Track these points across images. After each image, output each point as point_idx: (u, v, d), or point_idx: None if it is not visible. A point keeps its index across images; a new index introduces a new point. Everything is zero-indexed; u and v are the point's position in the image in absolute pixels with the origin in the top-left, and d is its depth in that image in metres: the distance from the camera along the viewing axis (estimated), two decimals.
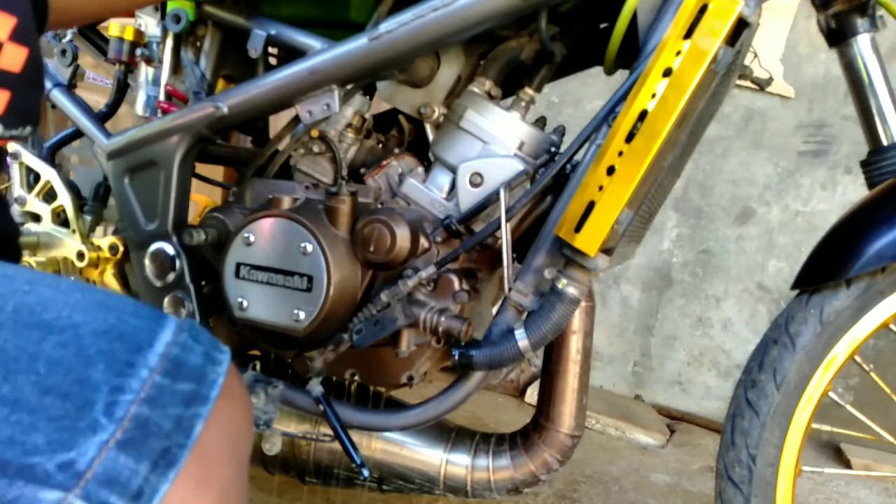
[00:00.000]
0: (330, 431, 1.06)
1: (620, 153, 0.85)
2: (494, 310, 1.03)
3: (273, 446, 1.12)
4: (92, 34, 1.34)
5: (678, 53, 0.84)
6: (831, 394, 1.10)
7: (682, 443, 2.32)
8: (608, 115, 0.94)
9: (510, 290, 0.97)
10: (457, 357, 0.98)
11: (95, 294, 0.46)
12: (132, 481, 0.40)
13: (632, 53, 0.98)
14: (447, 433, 1.19)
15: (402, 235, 0.97)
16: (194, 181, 1.13)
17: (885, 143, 1.09)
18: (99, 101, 1.23)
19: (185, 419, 0.43)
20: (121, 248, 1.17)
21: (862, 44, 1.09)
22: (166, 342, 0.45)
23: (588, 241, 0.86)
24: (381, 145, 1.19)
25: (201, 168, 1.19)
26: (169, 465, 0.42)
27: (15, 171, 1.20)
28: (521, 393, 2.49)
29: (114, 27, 1.14)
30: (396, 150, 1.15)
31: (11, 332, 0.41)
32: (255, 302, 1.00)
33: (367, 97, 1.15)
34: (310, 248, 0.96)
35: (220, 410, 0.45)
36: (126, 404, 0.41)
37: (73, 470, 0.39)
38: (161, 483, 0.41)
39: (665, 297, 2.57)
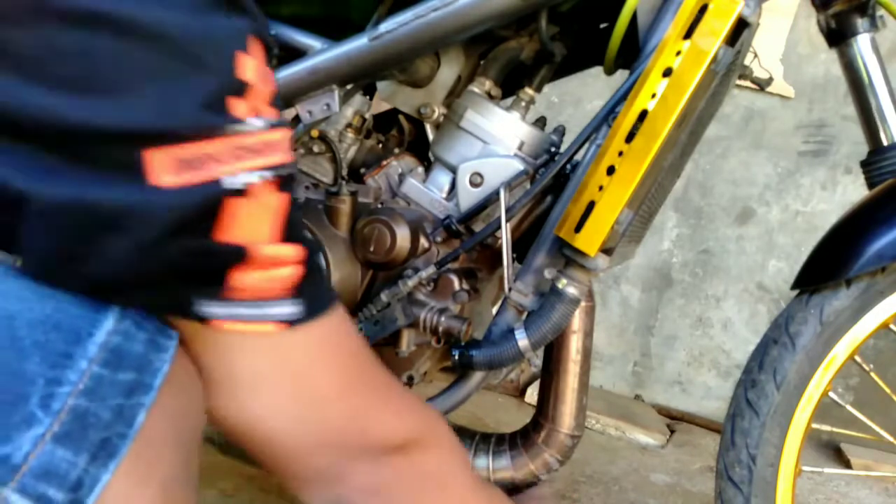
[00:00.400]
0: None
1: (620, 153, 0.85)
2: (494, 310, 1.03)
3: None
4: None
5: (678, 53, 0.83)
6: (831, 394, 1.10)
7: (682, 443, 2.31)
8: (608, 115, 0.94)
9: (510, 290, 0.96)
10: (457, 357, 0.98)
11: (33, 281, 0.44)
12: (70, 473, 0.40)
13: (632, 53, 0.98)
14: None
15: (402, 235, 0.97)
16: None
17: (885, 143, 1.09)
18: None
19: (126, 409, 0.43)
20: None
21: (862, 44, 1.09)
22: (107, 331, 0.44)
23: (588, 241, 0.86)
24: (381, 145, 1.19)
25: None
26: (109, 455, 0.42)
27: None
28: (521, 393, 2.49)
29: None
30: (396, 150, 1.15)
31: None
32: None
33: (367, 97, 1.15)
34: None
35: (164, 398, 0.45)
36: (63, 396, 0.41)
37: (8, 465, 0.39)
38: (101, 473, 0.41)
39: (665, 297, 2.57)
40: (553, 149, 1.06)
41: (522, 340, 0.94)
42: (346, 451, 0.56)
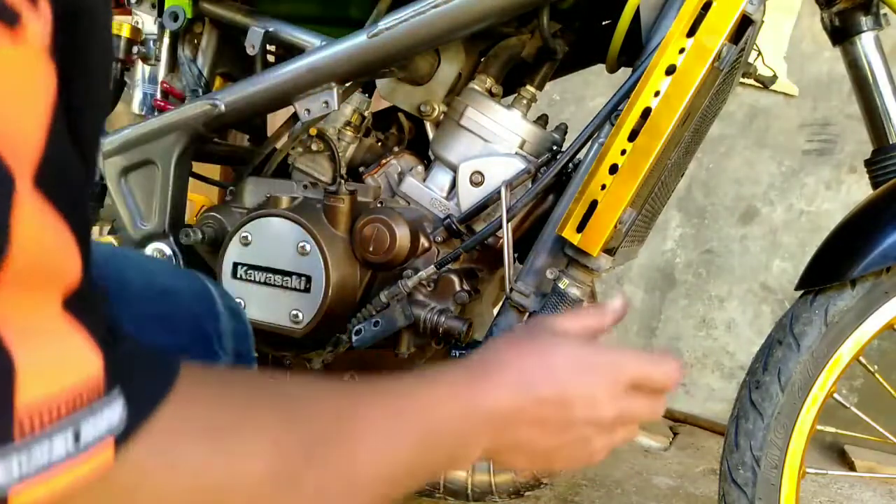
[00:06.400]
0: None
1: (623, 152, 0.84)
2: (495, 310, 1.02)
3: None
4: None
5: (681, 51, 0.83)
6: (836, 395, 1.09)
7: (685, 445, 2.30)
8: (611, 113, 0.93)
9: (511, 290, 0.95)
10: (457, 358, 0.96)
11: (156, 262, 0.68)
12: None
13: (634, 51, 0.97)
14: None
15: (402, 235, 0.96)
16: (191, 180, 1.12)
17: (889, 141, 1.09)
18: None
19: (249, 349, 0.65)
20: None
21: (866, 42, 1.09)
22: (217, 294, 0.64)
23: (590, 240, 0.85)
24: (380, 144, 1.18)
25: (198, 167, 1.18)
26: None
27: None
28: None
29: None
30: (396, 149, 1.14)
31: (159, 301, 0.57)
32: (252, 302, 0.98)
33: (367, 95, 1.14)
34: (308, 247, 0.95)
35: None
36: (226, 340, 0.60)
37: None
38: None
39: (668, 297, 2.56)
40: (555, 147, 1.05)
41: None
42: None
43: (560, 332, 0.61)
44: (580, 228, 0.86)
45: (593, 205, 0.85)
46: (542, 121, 1.09)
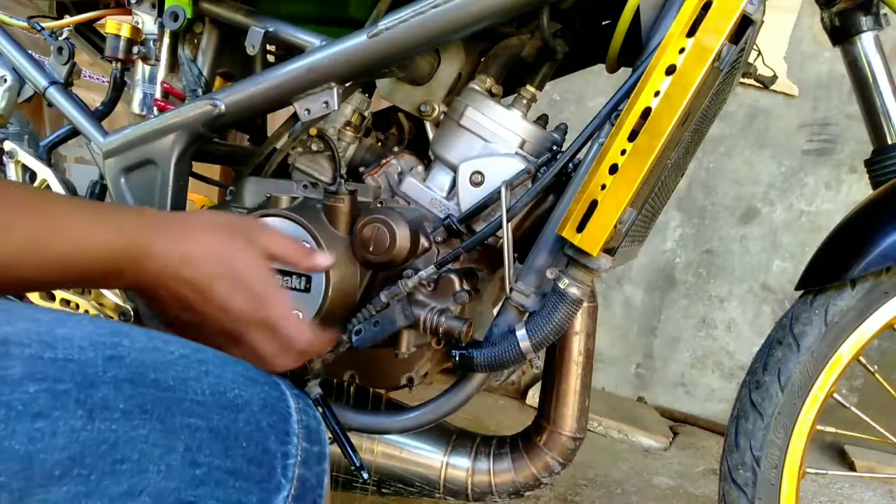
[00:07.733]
0: (329, 434, 1.05)
1: (623, 151, 0.84)
2: (495, 310, 1.02)
3: None
4: (89, 32, 1.32)
5: (681, 51, 0.82)
6: (836, 395, 1.09)
7: (685, 445, 2.30)
8: (611, 113, 0.93)
9: (511, 290, 0.95)
10: (457, 358, 0.96)
11: (234, 366, 0.57)
12: None
13: (634, 51, 0.97)
14: (447, 436, 1.18)
15: (402, 235, 0.96)
16: (191, 180, 1.12)
17: (889, 141, 1.09)
18: (95, 99, 1.22)
19: (320, 475, 0.57)
20: None
21: (866, 42, 1.09)
22: (296, 409, 0.58)
23: (590, 240, 0.85)
24: (380, 144, 1.18)
25: (198, 167, 1.18)
26: None
27: (11, 170, 1.19)
28: (522, 395, 2.48)
29: (111, 25, 1.13)
30: (396, 149, 1.14)
31: (218, 413, 0.52)
32: None
33: (367, 95, 1.14)
34: (308, 247, 0.94)
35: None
36: (292, 467, 0.54)
37: None
38: None
39: (668, 297, 2.56)
40: (555, 147, 1.05)
41: (524, 341, 0.92)
42: None
43: (260, 244, 0.67)
44: (580, 228, 0.85)
45: (593, 205, 0.85)
46: (542, 121, 1.09)
